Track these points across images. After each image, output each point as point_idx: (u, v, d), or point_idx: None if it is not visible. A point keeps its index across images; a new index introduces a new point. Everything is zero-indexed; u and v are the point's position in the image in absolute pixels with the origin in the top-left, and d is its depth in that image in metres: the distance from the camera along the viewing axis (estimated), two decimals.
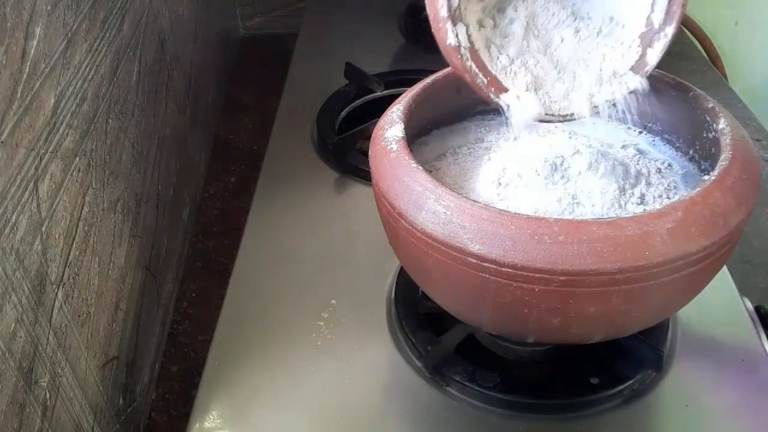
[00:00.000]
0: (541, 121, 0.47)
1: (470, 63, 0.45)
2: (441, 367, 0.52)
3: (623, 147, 0.52)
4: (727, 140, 0.45)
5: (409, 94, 0.51)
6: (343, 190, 0.71)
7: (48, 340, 0.46)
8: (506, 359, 0.54)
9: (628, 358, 0.51)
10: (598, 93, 0.47)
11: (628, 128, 0.54)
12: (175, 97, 0.78)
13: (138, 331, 0.62)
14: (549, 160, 0.46)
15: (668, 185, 0.48)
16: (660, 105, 0.53)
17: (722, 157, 0.43)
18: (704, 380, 0.52)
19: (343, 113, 0.81)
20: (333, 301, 0.58)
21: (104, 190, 0.56)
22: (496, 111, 0.55)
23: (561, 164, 0.46)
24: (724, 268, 0.58)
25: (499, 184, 0.47)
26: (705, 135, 0.49)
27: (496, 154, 0.50)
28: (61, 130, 0.49)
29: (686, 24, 1.11)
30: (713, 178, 0.42)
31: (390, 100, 0.52)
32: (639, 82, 0.47)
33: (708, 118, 0.48)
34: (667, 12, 0.45)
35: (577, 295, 0.40)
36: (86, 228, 0.52)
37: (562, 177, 0.45)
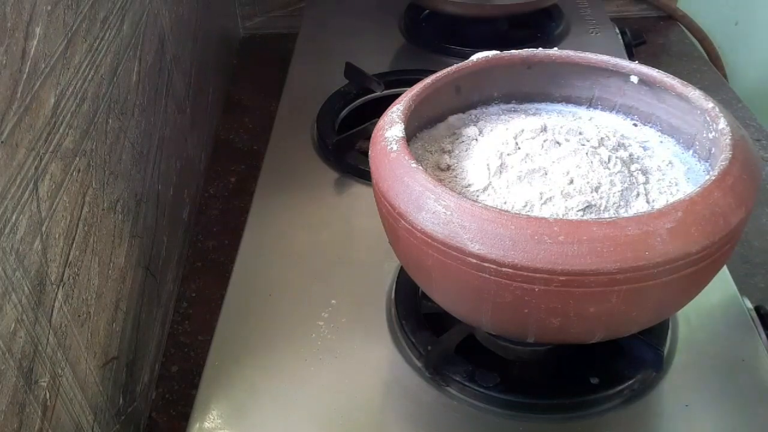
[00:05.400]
0: None
1: None
2: (441, 367, 0.52)
3: (623, 143, 0.52)
4: (727, 140, 0.45)
5: (409, 94, 0.51)
6: (343, 190, 0.71)
7: (48, 340, 0.46)
8: (506, 359, 0.54)
9: (628, 358, 0.51)
10: None
11: (635, 125, 0.54)
12: (175, 97, 0.78)
13: (138, 331, 0.62)
14: (548, 155, 0.46)
15: (670, 182, 0.48)
16: (660, 105, 0.53)
17: (722, 157, 0.43)
18: (704, 380, 0.52)
19: (343, 113, 0.81)
20: (333, 301, 0.58)
21: (104, 190, 0.56)
22: (495, 103, 0.56)
23: (559, 158, 0.46)
24: (724, 268, 0.58)
25: (491, 176, 0.47)
26: (705, 135, 0.49)
27: (492, 147, 0.50)
28: (61, 130, 0.49)
29: (686, 24, 1.11)
30: (713, 178, 0.42)
31: (390, 100, 0.52)
32: None
33: (708, 118, 0.48)
34: None
35: (577, 295, 0.40)
36: (86, 228, 0.52)
37: (560, 172, 0.45)
